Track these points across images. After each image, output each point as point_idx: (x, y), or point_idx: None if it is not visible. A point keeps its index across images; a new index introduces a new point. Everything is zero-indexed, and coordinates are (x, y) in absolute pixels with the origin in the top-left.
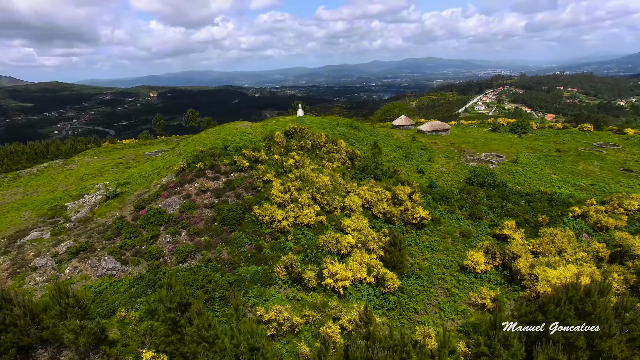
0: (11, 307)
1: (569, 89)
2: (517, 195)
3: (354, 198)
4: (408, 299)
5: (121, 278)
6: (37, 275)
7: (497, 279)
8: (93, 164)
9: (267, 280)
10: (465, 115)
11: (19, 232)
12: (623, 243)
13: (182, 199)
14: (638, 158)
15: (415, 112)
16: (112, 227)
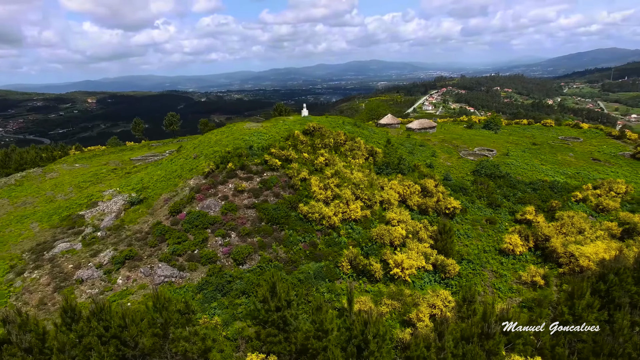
0: (109, 318)
1: (505, 89)
2: (522, 185)
3: (390, 192)
4: (467, 282)
5: (182, 285)
6: (86, 288)
7: (533, 259)
8: (78, 171)
9: (332, 275)
10: (415, 115)
11: (40, 245)
12: (630, 221)
13: (220, 201)
14: (599, 149)
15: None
16: (152, 234)
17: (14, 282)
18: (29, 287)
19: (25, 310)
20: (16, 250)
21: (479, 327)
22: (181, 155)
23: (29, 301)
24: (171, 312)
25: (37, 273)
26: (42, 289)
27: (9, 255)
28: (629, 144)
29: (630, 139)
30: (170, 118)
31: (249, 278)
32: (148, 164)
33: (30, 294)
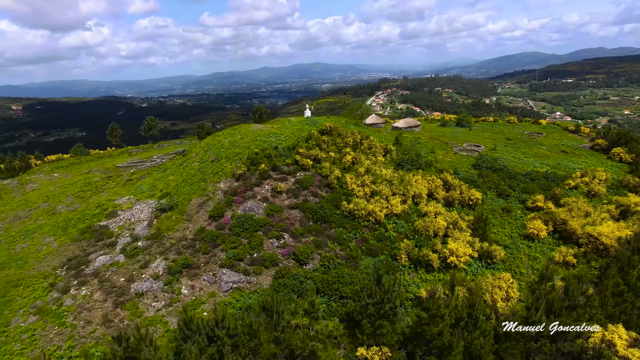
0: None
1: (445, 90)
2: (520, 176)
3: (421, 186)
4: (510, 266)
5: (252, 290)
6: (150, 301)
7: (554, 241)
8: (62, 181)
9: (391, 268)
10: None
11: (72, 260)
12: (624, 203)
13: (261, 202)
14: (562, 142)
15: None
16: (201, 240)
17: (64, 301)
18: (83, 304)
19: (92, 329)
20: (44, 267)
21: (565, 300)
22: (192, 159)
23: (91, 319)
24: (284, 316)
25: (85, 289)
26: (100, 306)
27: (39, 274)
28: (584, 137)
29: (584, 133)
30: (150, 122)
31: (321, 277)
32: (148, 170)
33: (89, 311)
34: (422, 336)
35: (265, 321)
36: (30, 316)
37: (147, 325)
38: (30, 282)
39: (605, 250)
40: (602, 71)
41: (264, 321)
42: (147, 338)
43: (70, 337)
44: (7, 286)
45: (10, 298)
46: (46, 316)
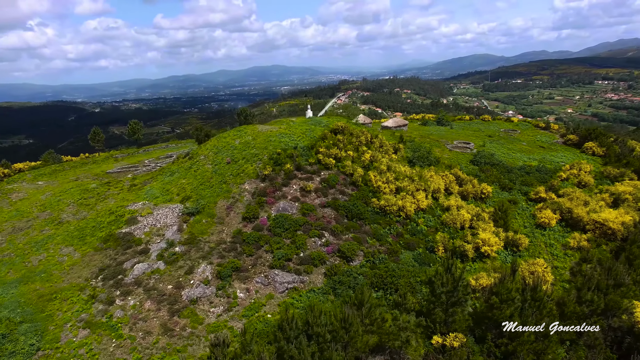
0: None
1: (404, 91)
2: (516, 170)
3: (439, 181)
4: (533, 253)
5: (309, 288)
6: (208, 307)
7: (562, 229)
8: (52, 189)
9: (429, 260)
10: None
11: (104, 270)
12: (615, 192)
13: (293, 202)
14: (537, 138)
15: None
16: (241, 242)
17: (112, 312)
18: (136, 315)
19: (154, 339)
20: (74, 278)
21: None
22: (201, 161)
23: (150, 329)
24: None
25: (133, 299)
26: (155, 315)
27: (71, 286)
28: (554, 133)
29: (554, 129)
30: (134, 126)
31: (372, 272)
32: (150, 174)
33: (145, 322)
34: (490, 320)
35: (357, 315)
36: (80, 330)
37: (212, 332)
38: (66, 295)
39: (612, 235)
40: (547, 72)
41: (356, 314)
42: (251, 342)
43: (133, 349)
44: (41, 301)
45: (49, 312)
46: (98, 329)
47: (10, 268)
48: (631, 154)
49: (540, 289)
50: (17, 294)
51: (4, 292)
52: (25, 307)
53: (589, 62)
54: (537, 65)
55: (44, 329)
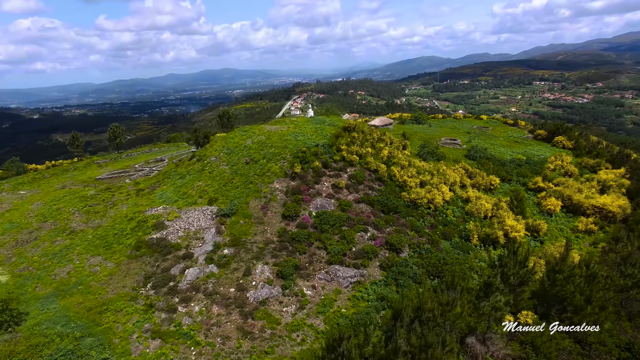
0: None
1: (359, 92)
2: (508, 162)
3: (454, 175)
4: (550, 237)
5: (371, 281)
6: (279, 307)
7: (565, 215)
8: (42, 197)
9: (467, 248)
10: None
11: (150, 278)
12: (600, 179)
13: (329, 199)
14: (509, 134)
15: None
16: (291, 240)
17: (180, 320)
18: (207, 321)
19: (235, 343)
20: (118, 288)
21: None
22: (213, 163)
23: (227, 334)
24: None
25: (197, 305)
26: (227, 319)
27: (119, 296)
28: (522, 129)
29: (522, 126)
30: (115, 130)
31: (423, 262)
32: (156, 178)
33: (219, 327)
34: (554, 297)
35: (457, 298)
36: (150, 341)
37: (294, 331)
38: (117, 306)
39: (613, 217)
40: (490, 74)
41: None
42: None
43: (217, 355)
44: (92, 314)
45: (107, 325)
46: (170, 338)
47: (36, 282)
48: (597, 146)
49: (594, 266)
50: (60, 308)
51: (44, 307)
52: (77, 321)
53: (527, 64)
54: (482, 67)
55: (108, 342)
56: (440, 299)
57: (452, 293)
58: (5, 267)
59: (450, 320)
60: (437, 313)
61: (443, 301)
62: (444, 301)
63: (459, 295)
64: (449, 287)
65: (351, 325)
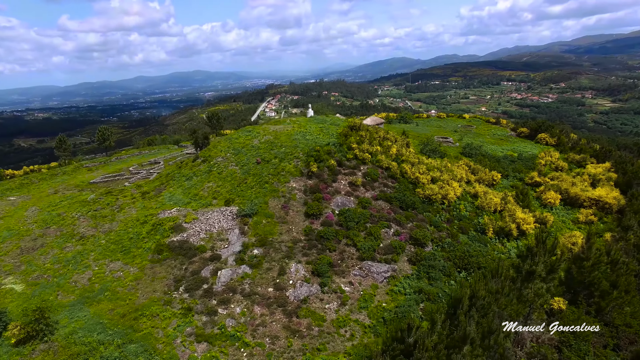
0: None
1: (332, 93)
2: (502, 159)
3: (460, 171)
4: (557, 228)
5: (404, 275)
6: (320, 304)
7: (563, 207)
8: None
9: (484, 240)
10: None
11: (181, 281)
12: (590, 173)
13: (348, 197)
14: (494, 132)
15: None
16: (319, 239)
17: (223, 322)
18: (251, 321)
19: (285, 342)
20: (148, 293)
21: None
22: (220, 164)
23: (275, 333)
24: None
25: (237, 306)
26: (272, 319)
27: (151, 301)
28: (505, 127)
29: (504, 124)
30: (104, 132)
31: (449, 255)
32: (159, 180)
33: (265, 327)
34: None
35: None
36: (196, 345)
37: (341, 327)
38: (153, 311)
39: (609, 208)
40: (460, 74)
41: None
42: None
43: (269, 355)
44: (127, 320)
45: (146, 331)
46: (217, 341)
47: (57, 290)
48: (580, 142)
49: (615, 253)
50: (91, 315)
51: (72, 315)
52: (114, 328)
53: (494, 65)
54: (452, 68)
55: (152, 347)
56: (490, 287)
57: (498, 282)
58: (17, 276)
59: (501, 307)
60: (491, 300)
61: (492, 289)
62: (493, 289)
63: (507, 284)
64: (494, 276)
65: (397, 318)
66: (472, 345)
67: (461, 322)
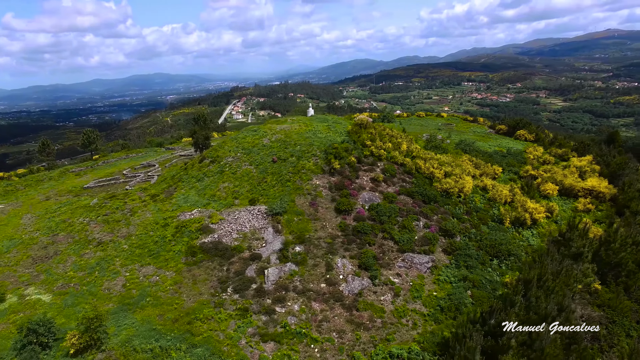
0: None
1: (298, 95)
2: (494, 154)
3: (467, 165)
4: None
5: (444, 265)
6: (375, 297)
7: (560, 198)
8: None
9: (503, 230)
10: (230, 125)
11: (226, 282)
12: (576, 165)
13: (373, 192)
14: (471, 129)
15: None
16: (356, 233)
17: (286, 320)
18: (313, 317)
19: (353, 335)
20: (194, 296)
21: None
22: (231, 164)
23: (340, 328)
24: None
25: (294, 304)
26: (333, 313)
27: (200, 304)
28: (482, 124)
29: (481, 121)
30: (90, 135)
31: (480, 244)
32: (166, 183)
33: (328, 322)
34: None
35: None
36: (263, 344)
37: (401, 317)
38: (206, 314)
39: (603, 197)
40: (422, 75)
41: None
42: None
43: (341, 349)
44: (180, 325)
45: (205, 334)
46: (284, 339)
47: (90, 298)
48: (556, 138)
49: (637, 235)
50: (140, 322)
51: (119, 322)
52: (170, 334)
53: (454, 66)
54: (414, 69)
55: (218, 350)
56: (548, 269)
57: (554, 264)
58: (40, 286)
59: (560, 286)
60: (552, 279)
61: (553, 271)
62: (553, 271)
63: (564, 265)
64: (542, 260)
65: (454, 305)
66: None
67: (539, 301)
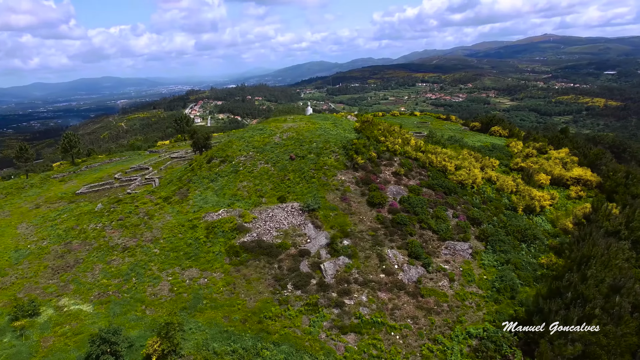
0: None
1: (256, 98)
2: (482, 148)
3: (472, 159)
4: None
5: (481, 251)
6: (433, 283)
7: (551, 187)
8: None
9: (518, 217)
10: (189, 129)
11: (282, 280)
12: (558, 157)
13: (398, 185)
14: (447, 126)
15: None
16: (395, 225)
17: (357, 312)
18: (384, 306)
19: (427, 321)
20: (254, 296)
21: None
22: (245, 162)
23: (412, 314)
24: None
25: (361, 295)
26: (401, 301)
27: (264, 304)
28: (455, 122)
29: (453, 119)
30: (71, 138)
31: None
32: (175, 185)
33: (399, 309)
34: None
35: None
36: (343, 336)
37: (462, 300)
38: (275, 312)
39: (590, 185)
40: (377, 77)
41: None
42: None
43: (420, 334)
44: (250, 325)
45: (281, 332)
46: (362, 329)
47: (139, 305)
48: (530, 133)
49: None
50: (206, 325)
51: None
52: (244, 334)
53: (408, 67)
54: (369, 71)
55: (301, 346)
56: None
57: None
58: (73, 297)
59: (611, 265)
60: (604, 259)
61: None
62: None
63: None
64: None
65: (508, 286)
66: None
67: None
